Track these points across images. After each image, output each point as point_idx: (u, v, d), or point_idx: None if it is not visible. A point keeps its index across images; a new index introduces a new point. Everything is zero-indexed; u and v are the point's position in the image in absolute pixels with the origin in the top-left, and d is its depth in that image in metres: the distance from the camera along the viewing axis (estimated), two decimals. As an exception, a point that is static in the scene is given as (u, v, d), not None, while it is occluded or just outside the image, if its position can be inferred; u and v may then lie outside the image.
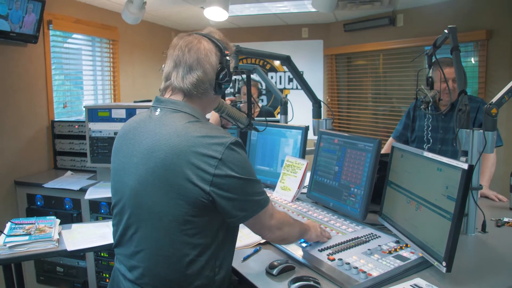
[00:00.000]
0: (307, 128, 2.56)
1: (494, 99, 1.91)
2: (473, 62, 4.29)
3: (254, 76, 4.10)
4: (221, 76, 1.42)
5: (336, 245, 1.74)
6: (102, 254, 3.12)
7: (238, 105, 4.01)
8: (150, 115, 1.43)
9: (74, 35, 4.29)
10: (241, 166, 1.30)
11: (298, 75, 3.04)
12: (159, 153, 1.30)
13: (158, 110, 1.41)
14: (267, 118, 3.89)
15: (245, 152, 1.36)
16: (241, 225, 2.00)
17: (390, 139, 3.21)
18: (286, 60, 2.90)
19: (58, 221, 2.26)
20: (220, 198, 1.28)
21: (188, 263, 1.32)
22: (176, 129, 1.32)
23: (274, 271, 1.56)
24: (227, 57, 1.44)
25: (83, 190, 3.06)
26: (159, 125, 1.36)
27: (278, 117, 3.48)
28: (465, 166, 1.43)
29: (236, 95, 3.51)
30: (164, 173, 1.28)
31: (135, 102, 3.78)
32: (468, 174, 1.42)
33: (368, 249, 1.67)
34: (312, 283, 1.45)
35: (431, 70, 2.60)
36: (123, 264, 1.45)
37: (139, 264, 1.38)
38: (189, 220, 1.29)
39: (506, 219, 2.15)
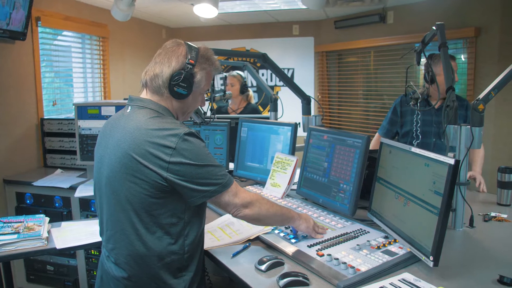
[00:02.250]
0: (296, 124, 2.56)
1: (481, 95, 1.93)
2: (463, 59, 4.32)
3: (244, 74, 4.12)
4: (175, 79, 1.54)
5: (325, 240, 1.75)
6: (92, 252, 3.11)
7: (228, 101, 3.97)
8: (123, 113, 1.61)
9: (64, 32, 4.25)
10: (195, 154, 1.45)
11: (279, 72, 3.03)
12: (124, 145, 1.47)
13: (129, 108, 1.60)
14: (252, 115, 3.92)
15: (199, 140, 1.50)
16: (231, 222, 2.01)
17: (377, 135, 3.22)
18: (262, 58, 2.87)
19: (47, 219, 2.24)
20: (178, 182, 1.43)
21: (157, 241, 1.48)
22: (138, 123, 1.48)
23: (263, 267, 1.57)
24: (189, 65, 1.55)
25: (73, 188, 3.05)
26: (128, 121, 1.53)
27: (268, 114, 3.48)
28: (451, 161, 1.44)
29: (227, 92, 3.52)
30: (128, 161, 1.45)
31: (125, 99, 3.76)
32: (454, 169, 1.43)
33: (357, 245, 1.68)
34: (300, 278, 1.46)
35: (430, 65, 2.62)
36: (105, 248, 1.62)
37: (115, 245, 1.54)
38: (154, 202, 1.46)
39: (493, 214, 2.17)
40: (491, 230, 2.02)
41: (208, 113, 2.54)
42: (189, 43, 1.61)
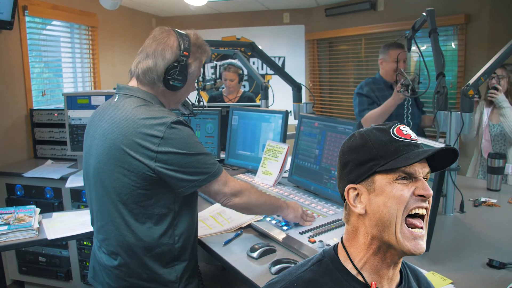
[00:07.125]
0: (287, 112, 2.56)
1: (471, 81, 1.94)
2: (453, 46, 4.32)
3: (235, 62, 4.08)
4: (170, 72, 1.50)
5: (317, 227, 1.76)
6: (85, 243, 3.10)
7: (220, 89, 3.98)
8: (111, 102, 1.59)
9: (52, 22, 4.19)
10: (183, 142, 1.43)
11: (267, 61, 3.02)
12: (112, 135, 1.45)
13: (117, 96, 1.57)
14: (247, 103, 3.90)
15: (188, 128, 1.47)
16: (222, 210, 2.01)
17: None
18: (250, 47, 2.85)
19: (38, 210, 2.23)
20: (166, 172, 1.42)
21: (147, 232, 1.47)
22: (125, 113, 1.46)
23: (255, 254, 1.57)
24: (184, 58, 1.52)
25: (63, 179, 3.03)
26: (115, 110, 1.51)
27: (259, 102, 3.48)
28: (441, 146, 1.44)
29: (217, 80, 3.48)
30: (116, 152, 1.43)
31: (115, 89, 3.73)
32: (444, 155, 1.43)
33: (348, 231, 1.69)
34: (292, 265, 1.46)
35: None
36: (96, 238, 1.62)
37: (106, 236, 1.54)
38: (142, 193, 1.44)
39: (483, 199, 2.20)
40: (481, 215, 2.04)
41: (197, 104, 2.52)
42: (178, 30, 1.57)
